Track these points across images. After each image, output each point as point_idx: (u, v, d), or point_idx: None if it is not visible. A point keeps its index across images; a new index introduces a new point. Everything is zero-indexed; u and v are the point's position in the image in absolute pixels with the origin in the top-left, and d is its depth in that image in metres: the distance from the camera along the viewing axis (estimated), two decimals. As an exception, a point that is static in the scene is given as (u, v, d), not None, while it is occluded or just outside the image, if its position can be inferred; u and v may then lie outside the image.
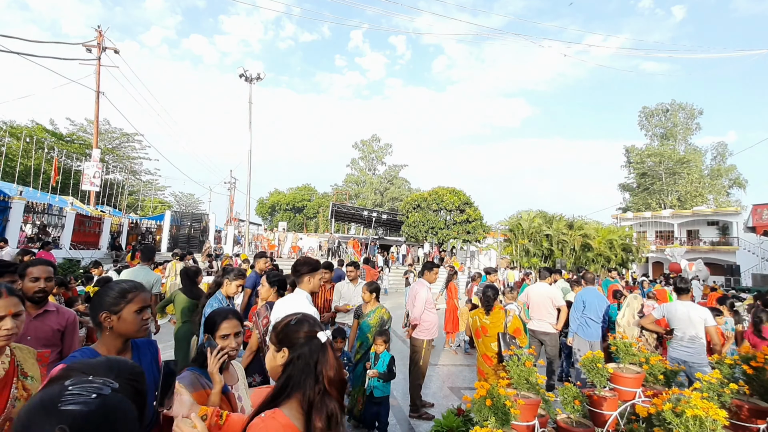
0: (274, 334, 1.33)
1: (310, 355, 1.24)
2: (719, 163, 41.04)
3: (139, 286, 1.68)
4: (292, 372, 1.23)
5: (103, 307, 1.59)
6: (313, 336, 1.29)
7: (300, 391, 1.20)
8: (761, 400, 3.41)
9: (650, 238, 32.32)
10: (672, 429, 2.00)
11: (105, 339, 1.61)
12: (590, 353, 3.50)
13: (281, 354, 1.29)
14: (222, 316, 2.00)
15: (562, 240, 25.58)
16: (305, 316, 1.37)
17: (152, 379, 1.69)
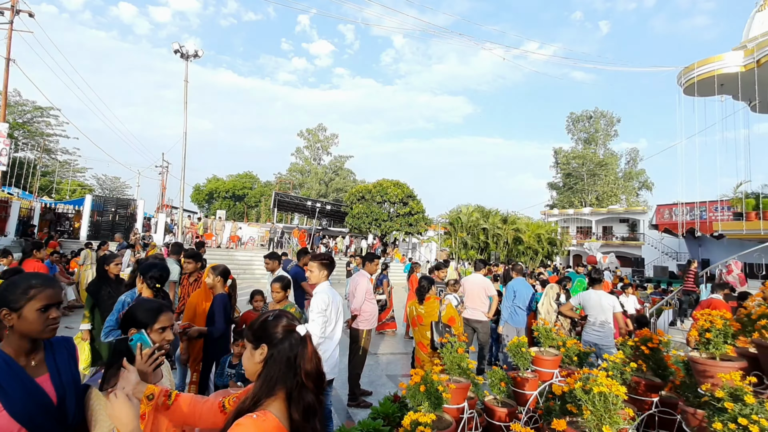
0: (251, 332, 1.30)
1: (290, 349, 1.24)
2: (631, 167, 45.93)
3: (48, 282, 1.51)
4: (273, 368, 1.22)
5: (3, 303, 1.42)
6: (292, 330, 1.27)
7: (282, 388, 1.20)
8: (655, 376, 3.93)
9: (572, 233, 35.43)
10: (581, 405, 2.24)
11: (8, 338, 1.45)
12: (516, 339, 3.78)
13: (260, 351, 1.26)
14: (158, 307, 1.87)
15: (496, 233, 27.09)
16: (282, 312, 1.34)
17: (71, 378, 1.55)
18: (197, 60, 17.18)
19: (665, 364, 3.70)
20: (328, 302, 3.41)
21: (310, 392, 1.22)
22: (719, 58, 11.14)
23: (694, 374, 3.13)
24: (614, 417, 2.10)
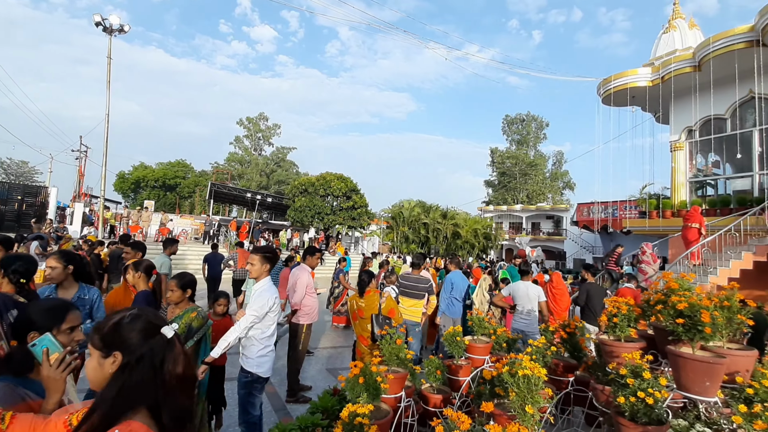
0: (99, 336, 1.11)
1: (153, 355, 1.07)
2: (557, 168, 49.88)
3: None
4: (131, 379, 1.04)
5: None
6: (155, 332, 1.11)
7: (145, 400, 1.03)
8: (572, 358, 4.34)
9: (505, 228, 37.76)
10: (507, 387, 2.42)
11: None
12: (452, 328, 3.97)
13: (111, 360, 1.07)
14: (62, 305, 1.69)
15: (437, 228, 28.01)
16: (142, 311, 1.17)
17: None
18: (123, 36, 15.64)
19: (580, 347, 4.10)
20: (270, 304, 3.31)
21: (183, 396, 1.09)
22: (632, 72, 12.49)
23: (603, 355, 3.51)
24: (536, 397, 2.29)
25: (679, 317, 2.94)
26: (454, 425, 1.86)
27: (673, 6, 13.17)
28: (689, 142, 11.99)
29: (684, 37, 12.38)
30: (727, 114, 11.10)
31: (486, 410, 2.23)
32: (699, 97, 11.39)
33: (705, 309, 2.87)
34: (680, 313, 2.94)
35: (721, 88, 10.89)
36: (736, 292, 3.17)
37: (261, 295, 3.26)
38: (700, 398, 2.92)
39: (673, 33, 12.64)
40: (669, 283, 3.22)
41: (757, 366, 3.16)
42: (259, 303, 3.24)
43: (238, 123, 53.69)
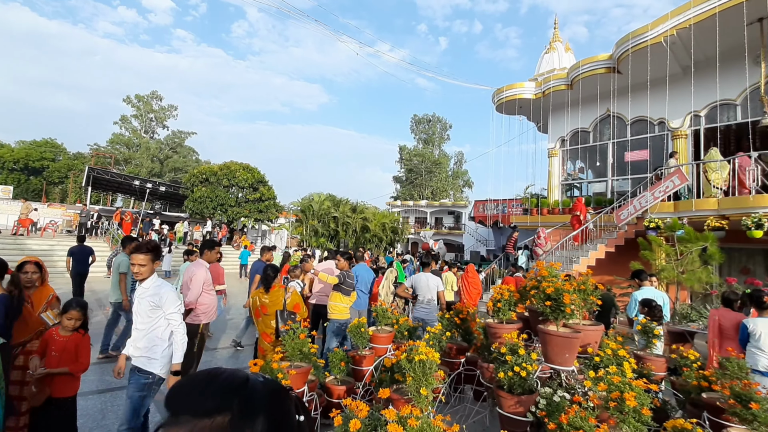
0: None
1: None
2: (458, 167, 53.85)
3: None
4: None
5: None
6: None
7: None
8: (464, 341, 4.79)
9: (411, 222, 39.63)
10: (405, 372, 2.59)
11: None
12: (356, 320, 4.07)
13: None
14: None
15: (346, 222, 28.17)
16: None
17: None
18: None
19: (471, 331, 4.55)
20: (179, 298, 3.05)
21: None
22: (520, 85, 14.07)
23: (489, 336, 3.93)
24: (430, 379, 2.49)
25: (547, 300, 3.43)
26: (352, 414, 1.93)
27: (554, 30, 15.13)
28: (562, 150, 13.97)
29: (561, 58, 14.32)
30: (591, 128, 13.18)
31: (383, 396, 2.35)
32: (570, 112, 13.32)
33: (567, 292, 3.40)
34: (549, 297, 3.44)
35: (587, 105, 12.88)
36: (589, 278, 3.80)
37: (168, 293, 2.99)
38: (562, 368, 3.46)
39: (553, 54, 14.53)
40: (541, 271, 3.74)
41: (604, 338, 3.85)
42: (172, 301, 2.99)
43: (126, 101, 47.12)
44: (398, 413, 1.84)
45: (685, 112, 10.85)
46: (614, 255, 9.98)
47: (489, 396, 4.08)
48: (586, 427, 2.31)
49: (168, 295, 3.00)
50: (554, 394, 3.03)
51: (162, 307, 2.98)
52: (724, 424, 3.19)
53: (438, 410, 4.11)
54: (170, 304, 3.00)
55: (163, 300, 2.98)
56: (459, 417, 4.09)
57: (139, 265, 2.97)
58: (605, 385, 2.74)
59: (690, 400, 3.75)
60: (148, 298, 2.98)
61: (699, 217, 8.46)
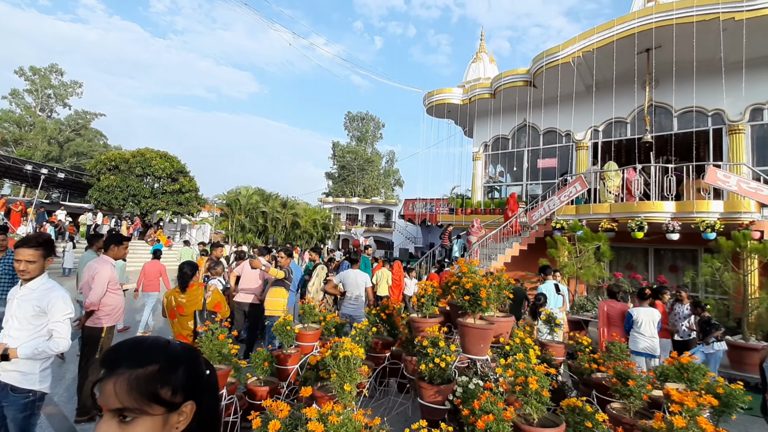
0: None
1: None
2: (390, 166, 54.89)
3: None
4: None
5: None
6: None
7: None
8: (389, 336, 4.93)
9: (343, 219, 39.54)
10: (330, 369, 2.60)
11: None
12: (282, 318, 3.98)
13: None
14: None
15: (276, 217, 27.24)
16: None
17: None
18: None
19: (396, 326, 4.69)
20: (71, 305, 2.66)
21: None
22: (448, 91, 14.77)
23: (413, 330, 4.10)
24: (354, 375, 2.54)
25: (466, 295, 3.67)
26: (272, 415, 1.90)
27: (480, 41, 16.10)
28: (485, 154, 14.96)
29: (486, 69, 15.29)
30: (510, 135, 14.28)
31: (305, 395, 2.34)
32: (492, 119, 14.31)
33: (483, 287, 3.67)
34: (467, 291, 3.68)
35: (507, 114, 13.94)
36: (503, 274, 4.14)
37: (57, 298, 2.57)
38: (477, 357, 3.73)
39: (479, 63, 15.46)
40: (462, 268, 3.98)
41: (515, 328, 4.23)
42: (61, 308, 2.56)
43: (17, 72, 40.45)
44: (319, 410, 1.85)
45: (587, 126, 12.25)
46: (527, 252, 10.94)
47: (412, 388, 4.25)
48: (495, 410, 2.53)
49: (57, 301, 2.56)
50: (470, 382, 3.26)
51: (48, 314, 2.55)
52: (609, 400, 3.70)
53: (363, 404, 4.19)
54: (58, 311, 2.57)
55: (51, 305, 2.55)
56: (383, 410, 4.21)
57: (25, 261, 2.50)
58: (513, 371, 3.02)
59: (583, 381, 4.27)
60: (32, 302, 2.53)
61: (595, 220, 9.62)
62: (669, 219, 8.61)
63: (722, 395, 3.09)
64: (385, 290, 9.10)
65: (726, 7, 8.54)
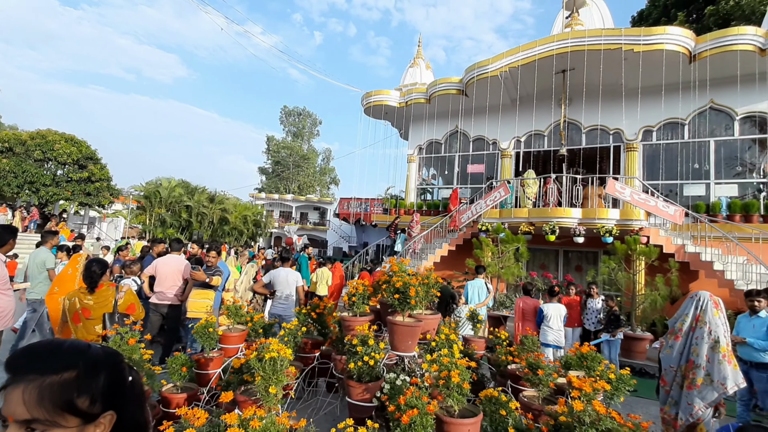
0: None
1: None
2: (326, 164, 54.28)
3: None
4: None
5: None
6: None
7: None
8: (320, 335, 4.88)
9: (276, 216, 38.28)
10: (254, 372, 2.51)
11: None
12: (204, 320, 3.76)
13: None
14: None
15: (202, 212, 25.56)
16: None
17: None
18: None
19: (327, 325, 4.67)
20: None
21: None
22: (386, 93, 15.02)
23: (343, 329, 4.11)
24: (280, 377, 2.48)
25: (396, 293, 3.77)
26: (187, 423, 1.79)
27: (418, 47, 16.60)
28: (419, 157, 15.46)
29: (422, 74, 15.80)
30: (443, 140, 14.92)
31: (225, 400, 2.25)
32: (427, 124, 14.83)
33: (413, 286, 3.79)
34: (397, 290, 3.78)
35: (441, 119, 14.53)
36: (432, 273, 4.31)
37: None
38: (405, 354, 3.85)
39: (416, 68, 15.94)
40: (392, 267, 4.08)
41: (441, 325, 4.43)
42: None
43: None
44: (240, 416, 1.79)
45: (511, 137, 13.22)
46: (455, 253, 11.51)
47: (340, 387, 4.26)
48: (419, 404, 2.63)
49: None
50: (397, 379, 3.36)
51: None
52: (522, 389, 4.03)
53: (290, 406, 4.11)
54: None
55: None
56: (311, 410, 4.16)
57: None
58: (437, 366, 3.17)
59: (500, 372, 4.61)
60: None
61: (515, 223, 10.42)
62: (576, 224, 9.61)
63: (613, 380, 3.53)
64: (324, 290, 9.01)
65: (627, 39, 9.75)
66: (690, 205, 10.27)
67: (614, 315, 6.65)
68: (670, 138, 11.20)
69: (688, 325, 3.61)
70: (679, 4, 20.93)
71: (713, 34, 9.82)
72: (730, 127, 10.59)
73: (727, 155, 10.70)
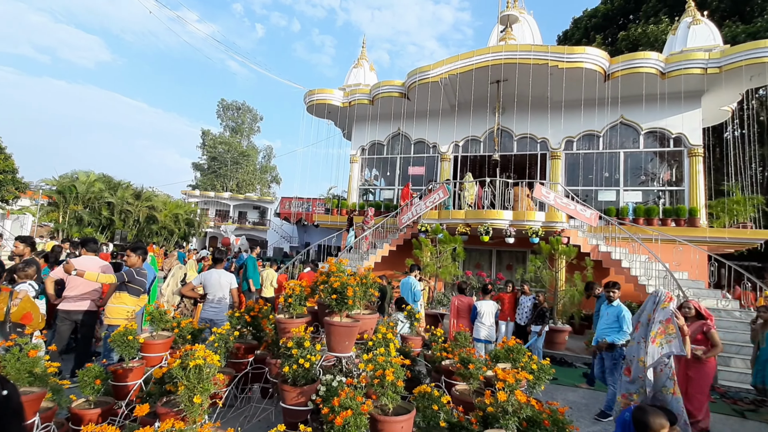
0: None
1: None
2: (267, 162, 52.43)
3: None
4: None
5: None
6: None
7: None
8: (254, 339, 4.70)
9: (211, 215, 36.22)
10: (177, 382, 2.35)
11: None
12: (122, 327, 3.46)
13: None
14: None
15: (126, 210, 23.48)
16: None
17: None
18: None
19: (262, 328, 4.51)
20: None
21: None
22: (330, 92, 14.89)
23: (279, 332, 4.00)
24: (206, 385, 2.35)
25: (334, 293, 3.76)
26: (96, 439, 1.64)
27: (362, 48, 16.64)
28: (362, 157, 15.52)
29: (366, 76, 15.87)
30: (385, 141, 15.13)
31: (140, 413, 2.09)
32: (370, 125, 14.95)
33: (350, 286, 3.80)
34: (335, 290, 3.77)
35: (384, 121, 14.72)
36: (370, 273, 4.35)
37: None
38: (343, 355, 3.84)
39: (360, 69, 15.97)
40: (331, 267, 4.05)
41: (379, 324, 4.48)
42: None
43: None
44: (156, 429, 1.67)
45: (450, 141, 13.75)
46: (396, 252, 11.71)
47: (275, 391, 4.15)
48: (353, 405, 2.64)
49: None
50: (333, 380, 3.34)
51: None
52: (455, 383, 4.21)
53: (221, 415, 3.92)
54: None
55: None
56: (244, 418, 4.00)
57: None
58: (372, 365, 3.20)
59: (435, 368, 4.77)
60: None
61: (453, 224, 10.86)
62: (508, 225, 10.24)
63: (535, 371, 3.81)
64: (270, 292, 8.70)
65: (553, 56, 10.60)
66: (603, 209, 11.41)
67: (542, 310, 7.18)
68: (587, 148, 12.37)
69: (645, 318, 4.13)
70: (597, 27, 23.20)
71: (624, 57, 11.01)
72: (636, 140, 11.95)
73: (633, 165, 12.06)
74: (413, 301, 7.11)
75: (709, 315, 4.86)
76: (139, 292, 4.80)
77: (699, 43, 11.47)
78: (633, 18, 21.77)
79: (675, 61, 10.70)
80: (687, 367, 4.71)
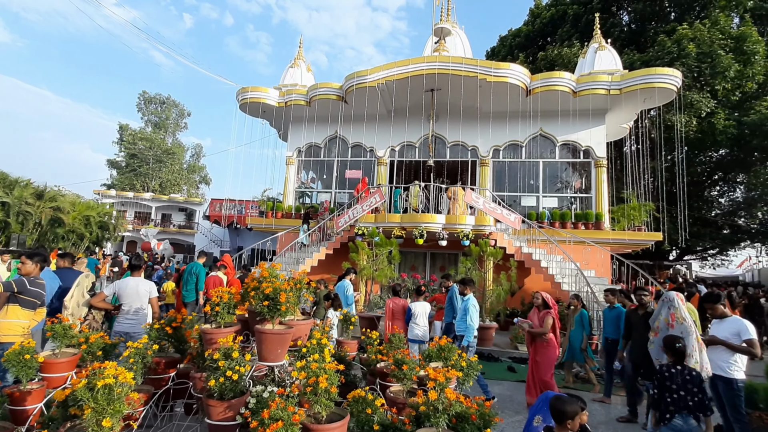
0: None
1: None
2: (195, 161, 49.12)
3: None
4: None
5: None
6: None
7: None
8: (177, 352, 4.37)
9: (129, 217, 33.02)
10: (83, 405, 2.10)
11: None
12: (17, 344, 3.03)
13: None
14: None
15: (25, 211, 20.51)
16: None
17: None
18: None
19: (185, 340, 4.21)
20: None
21: None
22: (265, 90, 14.38)
23: (205, 343, 3.77)
24: (118, 406, 2.14)
25: (265, 300, 3.63)
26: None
27: (299, 48, 16.33)
28: (298, 159, 15.20)
29: (303, 76, 15.60)
30: (322, 144, 14.97)
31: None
32: (307, 126, 14.70)
33: (283, 291, 3.70)
34: (267, 297, 3.64)
35: (321, 123, 14.55)
36: (305, 278, 4.27)
37: None
38: (275, 364, 3.72)
39: (297, 69, 15.65)
40: (263, 273, 3.91)
41: (313, 330, 4.40)
42: None
43: None
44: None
45: (386, 146, 14.01)
46: (332, 256, 11.62)
47: (200, 408, 3.89)
48: (285, 416, 2.57)
49: None
50: (264, 391, 3.21)
51: None
52: (389, 385, 4.27)
53: (136, 437, 3.58)
54: None
55: None
56: (164, 438, 3.70)
57: None
58: (305, 373, 3.14)
59: (370, 371, 4.80)
60: None
61: (389, 228, 11.06)
62: (441, 228, 10.67)
63: (464, 368, 4.01)
64: None
65: (482, 70, 11.29)
66: (526, 213, 12.37)
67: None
68: (512, 157, 13.34)
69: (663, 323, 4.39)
70: (521, 46, 25.18)
71: (542, 75, 12.08)
72: (553, 151, 13.14)
73: (550, 174, 13.25)
74: (347, 305, 7.10)
75: (554, 305, 5.57)
76: (35, 304, 4.24)
77: (604, 67, 12.96)
78: (551, 40, 23.96)
79: (584, 81, 11.97)
80: (535, 353, 5.39)
